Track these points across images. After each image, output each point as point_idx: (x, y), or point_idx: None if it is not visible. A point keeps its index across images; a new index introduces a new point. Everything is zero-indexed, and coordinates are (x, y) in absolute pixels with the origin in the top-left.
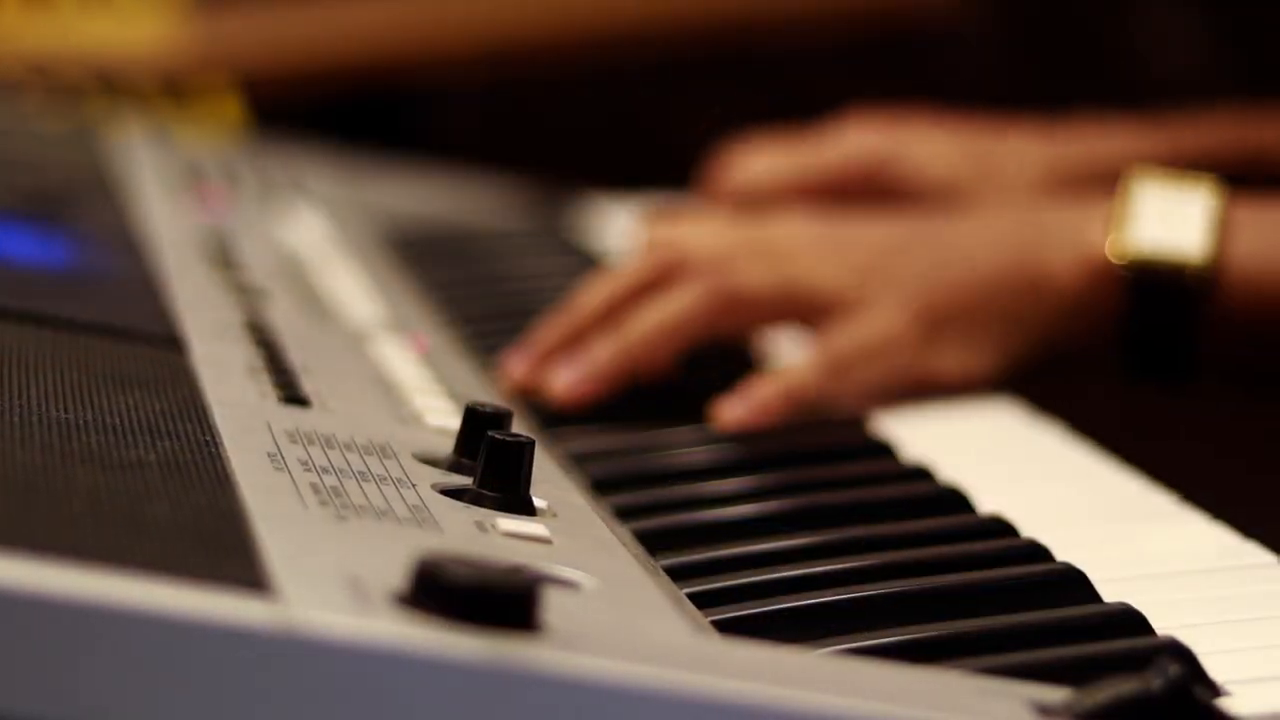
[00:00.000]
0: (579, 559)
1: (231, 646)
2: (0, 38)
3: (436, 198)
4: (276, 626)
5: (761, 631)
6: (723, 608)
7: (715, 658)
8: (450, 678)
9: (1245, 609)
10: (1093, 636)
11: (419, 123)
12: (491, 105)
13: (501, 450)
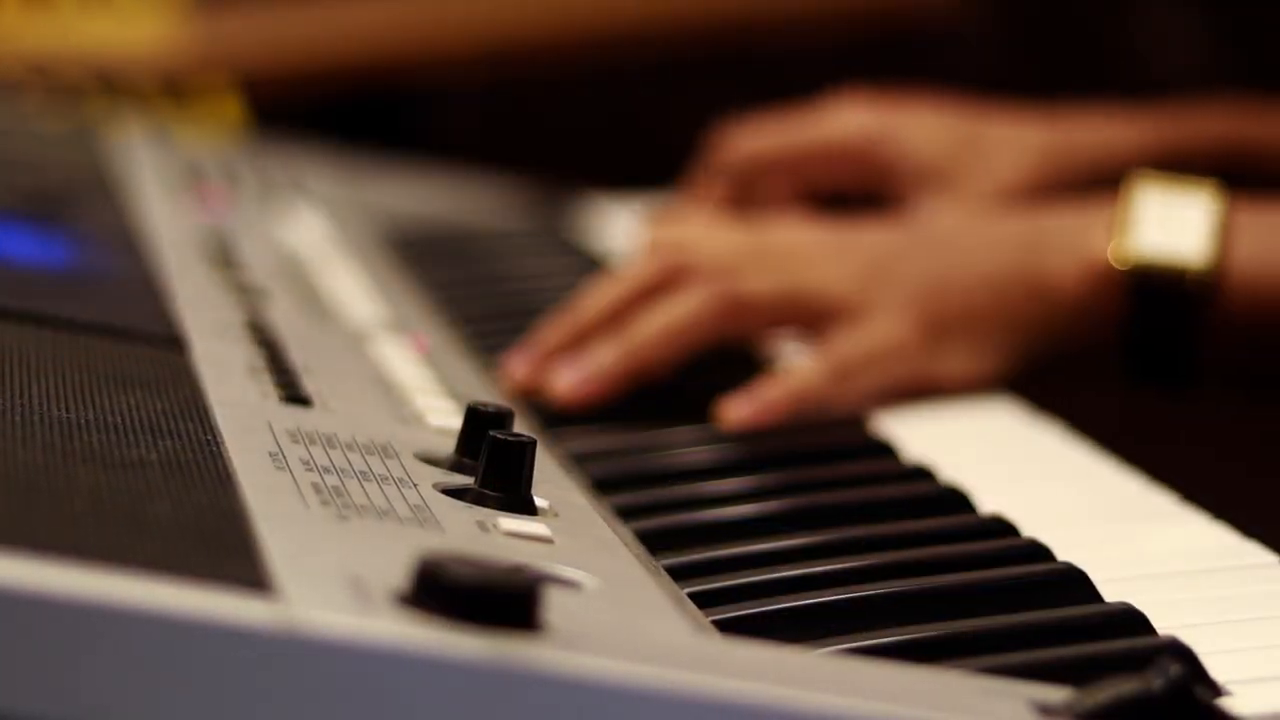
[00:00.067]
0: (580, 559)
1: (233, 646)
2: (0, 38)
3: (436, 198)
4: (278, 626)
5: (763, 631)
6: (724, 607)
7: (716, 657)
8: (452, 677)
9: (1246, 609)
10: (1093, 636)
11: (419, 123)
12: (491, 105)
13: (503, 450)
